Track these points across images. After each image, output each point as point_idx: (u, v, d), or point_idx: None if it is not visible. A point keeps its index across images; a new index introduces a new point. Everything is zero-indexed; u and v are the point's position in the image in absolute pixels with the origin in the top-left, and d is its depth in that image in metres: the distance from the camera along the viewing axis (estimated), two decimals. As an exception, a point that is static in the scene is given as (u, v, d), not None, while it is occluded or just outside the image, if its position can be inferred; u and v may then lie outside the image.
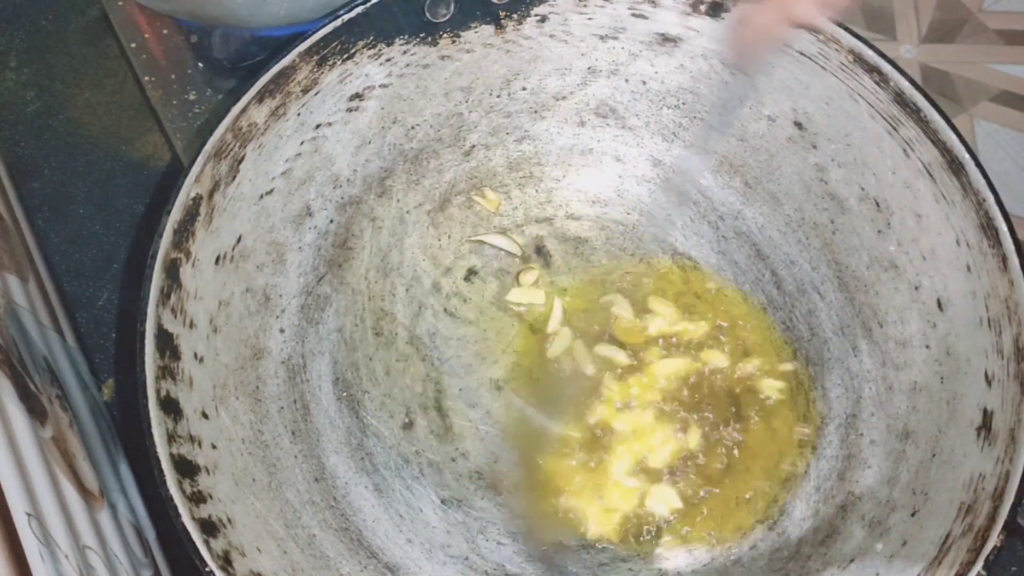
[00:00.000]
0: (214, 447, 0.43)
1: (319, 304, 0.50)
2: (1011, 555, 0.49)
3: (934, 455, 0.44)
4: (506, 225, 0.55)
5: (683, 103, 0.53)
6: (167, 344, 0.42)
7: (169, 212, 0.43)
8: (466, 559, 0.47)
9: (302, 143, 0.49)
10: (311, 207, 0.50)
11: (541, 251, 0.54)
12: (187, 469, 0.40)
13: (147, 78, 0.58)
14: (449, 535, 0.47)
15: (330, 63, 0.48)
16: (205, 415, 0.43)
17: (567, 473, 0.49)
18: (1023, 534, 0.39)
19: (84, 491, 0.43)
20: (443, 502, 0.48)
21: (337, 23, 0.47)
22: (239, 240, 0.47)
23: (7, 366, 0.41)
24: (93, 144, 0.60)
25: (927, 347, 0.46)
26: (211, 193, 0.45)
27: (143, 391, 0.40)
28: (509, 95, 0.53)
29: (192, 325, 0.44)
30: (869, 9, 0.69)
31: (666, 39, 0.51)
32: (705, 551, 0.48)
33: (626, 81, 0.53)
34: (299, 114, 0.48)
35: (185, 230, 0.44)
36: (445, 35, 0.50)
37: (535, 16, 0.50)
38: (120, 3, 0.60)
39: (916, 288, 0.47)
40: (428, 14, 0.49)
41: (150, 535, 0.50)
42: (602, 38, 0.51)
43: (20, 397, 0.41)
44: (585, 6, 0.50)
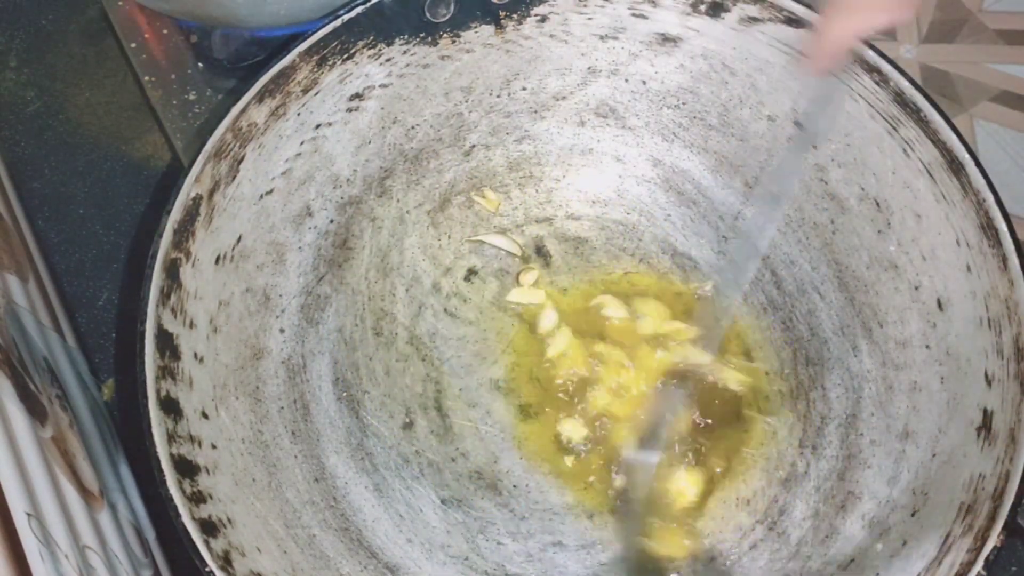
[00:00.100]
0: (214, 447, 0.43)
1: (319, 304, 0.50)
2: (1011, 555, 0.49)
3: (934, 455, 0.44)
4: (506, 225, 0.55)
5: (683, 103, 0.53)
6: (167, 344, 0.42)
7: (169, 212, 0.43)
8: (466, 559, 0.47)
9: (302, 143, 0.49)
10: (311, 207, 0.50)
11: (541, 251, 0.54)
12: (187, 469, 0.40)
13: (147, 78, 0.58)
14: (449, 535, 0.47)
15: (330, 63, 0.48)
16: (205, 415, 0.43)
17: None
18: (1023, 534, 0.39)
19: (84, 491, 0.43)
20: (443, 502, 0.48)
21: (337, 23, 0.47)
22: (239, 240, 0.47)
23: (7, 366, 0.41)
24: (93, 144, 0.60)
25: (927, 347, 0.46)
26: (211, 193, 0.45)
27: (143, 391, 0.40)
28: (509, 95, 0.53)
29: (192, 325, 0.44)
30: (869, 9, 0.69)
31: (666, 39, 0.51)
32: (705, 551, 0.48)
33: (626, 81, 0.53)
34: (299, 114, 0.48)
35: (185, 230, 0.44)
36: (445, 35, 0.50)
37: (535, 16, 0.50)
38: (120, 3, 0.60)
39: (916, 288, 0.47)
40: (428, 14, 0.49)
41: (150, 535, 0.50)
42: (602, 38, 0.51)
43: (20, 397, 0.41)
44: (585, 6, 0.50)
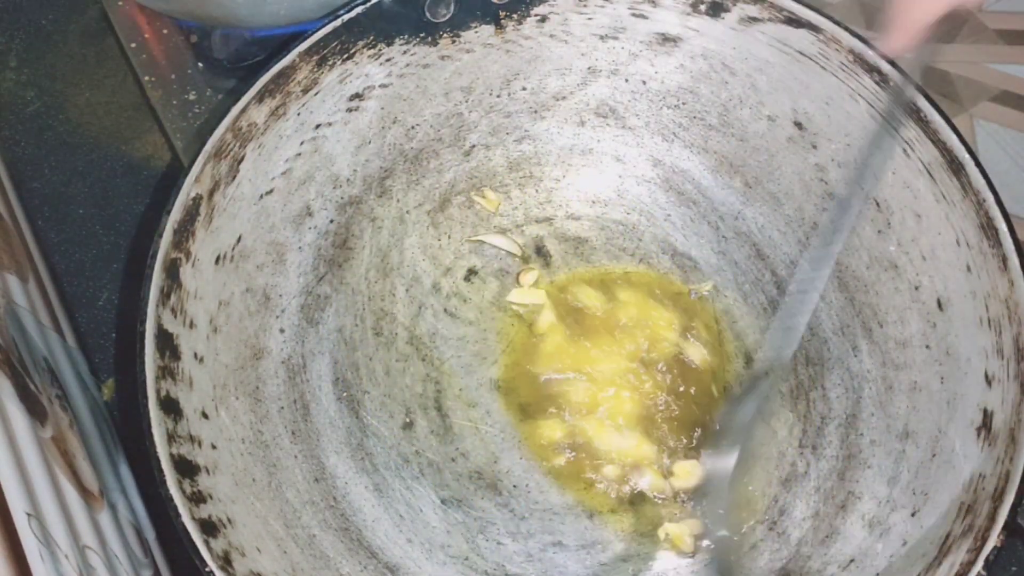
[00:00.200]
0: (214, 447, 0.43)
1: (319, 304, 0.50)
2: (1011, 555, 0.49)
3: (934, 455, 0.44)
4: (506, 225, 0.55)
5: (683, 103, 0.53)
6: (167, 344, 0.42)
7: (169, 212, 0.43)
8: (466, 559, 0.47)
9: (302, 143, 0.49)
10: (311, 207, 0.50)
11: (541, 251, 0.54)
12: (187, 469, 0.40)
13: (147, 78, 0.58)
14: (449, 535, 0.47)
15: (330, 63, 0.48)
16: (205, 415, 0.43)
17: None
18: (1023, 534, 0.39)
19: (84, 491, 0.43)
20: (443, 502, 0.48)
21: (337, 23, 0.47)
22: (239, 240, 0.47)
23: (7, 366, 0.41)
24: (93, 144, 0.60)
25: (927, 347, 0.46)
26: (211, 193, 0.45)
27: (143, 391, 0.40)
28: (509, 95, 0.53)
29: (192, 325, 0.44)
30: (869, 9, 0.69)
31: (666, 39, 0.51)
32: (705, 551, 0.48)
33: (626, 81, 0.53)
34: (299, 114, 0.48)
35: (185, 230, 0.44)
36: (445, 35, 0.50)
37: (535, 16, 0.50)
38: (120, 3, 0.60)
39: (916, 288, 0.47)
40: (428, 14, 0.49)
41: (150, 535, 0.50)
42: (602, 38, 0.51)
43: (20, 397, 0.41)
44: (585, 6, 0.50)
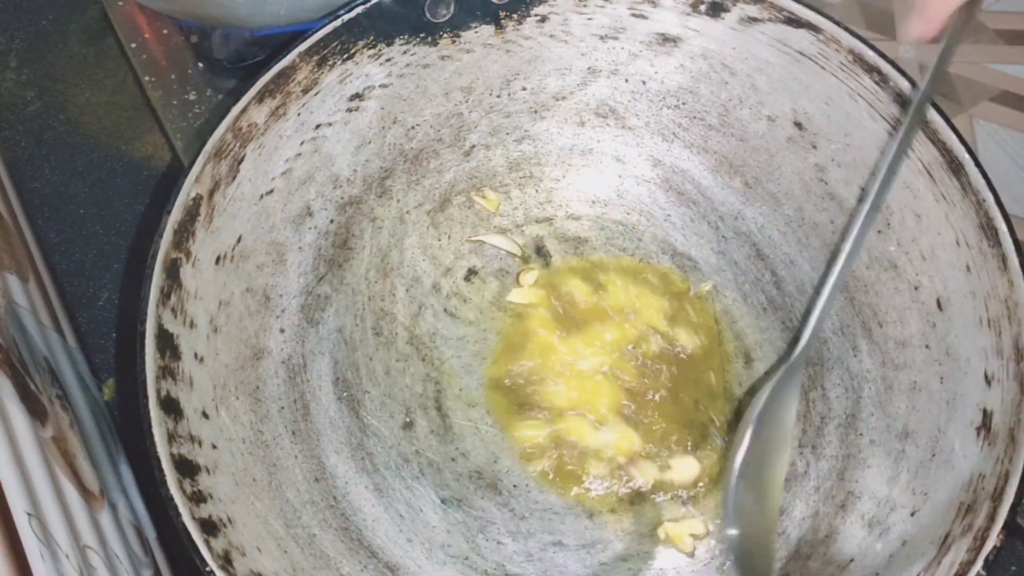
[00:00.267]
0: (214, 447, 0.43)
1: (319, 304, 0.50)
2: (1011, 555, 0.49)
3: (934, 455, 0.44)
4: (506, 225, 0.55)
5: (683, 103, 0.53)
6: (167, 344, 0.42)
7: (169, 212, 0.43)
8: (466, 559, 0.47)
9: (302, 143, 0.49)
10: (311, 207, 0.50)
11: (541, 251, 0.54)
12: (187, 469, 0.40)
13: (147, 78, 0.58)
14: (449, 535, 0.47)
15: (330, 63, 0.48)
16: (205, 415, 0.43)
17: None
18: (1022, 534, 0.39)
19: (84, 491, 0.43)
20: (443, 502, 0.48)
21: (337, 23, 0.47)
22: (239, 240, 0.47)
23: (7, 366, 0.41)
24: (93, 144, 0.60)
25: (927, 347, 0.46)
26: (211, 193, 0.45)
27: (143, 391, 0.40)
28: (509, 95, 0.53)
29: (192, 325, 0.44)
30: (869, 9, 0.69)
31: (666, 39, 0.51)
32: (705, 551, 0.48)
33: (626, 81, 0.53)
34: (299, 114, 0.48)
35: (185, 230, 0.44)
36: (445, 35, 0.50)
37: (535, 16, 0.50)
38: (120, 3, 0.60)
39: (916, 288, 0.47)
40: (428, 14, 0.49)
41: (150, 535, 0.50)
42: (602, 38, 0.51)
43: (20, 397, 0.41)
44: (585, 6, 0.50)
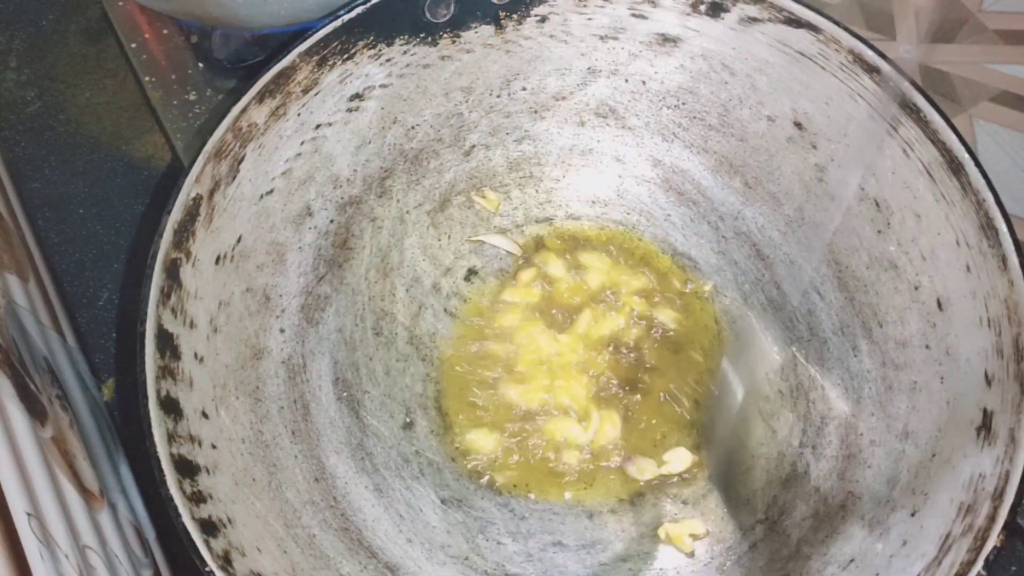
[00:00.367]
0: (214, 447, 0.43)
1: (319, 304, 0.50)
2: (1011, 555, 0.49)
3: (934, 455, 0.44)
4: (506, 225, 0.55)
5: (683, 103, 0.53)
6: (167, 344, 0.42)
7: (169, 212, 0.43)
8: (466, 559, 0.47)
9: (302, 143, 0.49)
10: (311, 207, 0.50)
11: (541, 251, 0.54)
12: (187, 469, 0.40)
13: (147, 78, 0.58)
14: (449, 535, 0.47)
15: (330, 63, 0.48)
16: (205, 415, 0.43)
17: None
18: (1023, 534, 0.39)
19: (84, 491, 0.43)
20: (443, 502, 0.48)
21: (337, 23, 0.47)
22: (239, 240, 0.47)
23: (7, 366, 0.41)
24: (93, 144, 0.60)
25: (927, 347, 0.46)
26: (211, 193, 0.45)
27: (143, 391, 0.40)
28: (509, 95, 0.53)
29: (192, 325, 0.44)
30: (869, 9, 0.69)
31: (666, 39, 0.51)
32: (705, 551, 0.48)
33: (626, 81, 0.53)
34: (299, 114, 0.48)
35: (185, 230, 0.44)
36: (445, 35, 0.50)
37: (535, 16, 0.50)
38: (120, 3, 0.60)
39: (916, 288, 0.47)
40: (428, 14, 0.49)
41: (150, 535, 0.50)
42: (602, 38, 0.51)
43: (20, 397, 0.41)
44: (585, 6, 0.50)
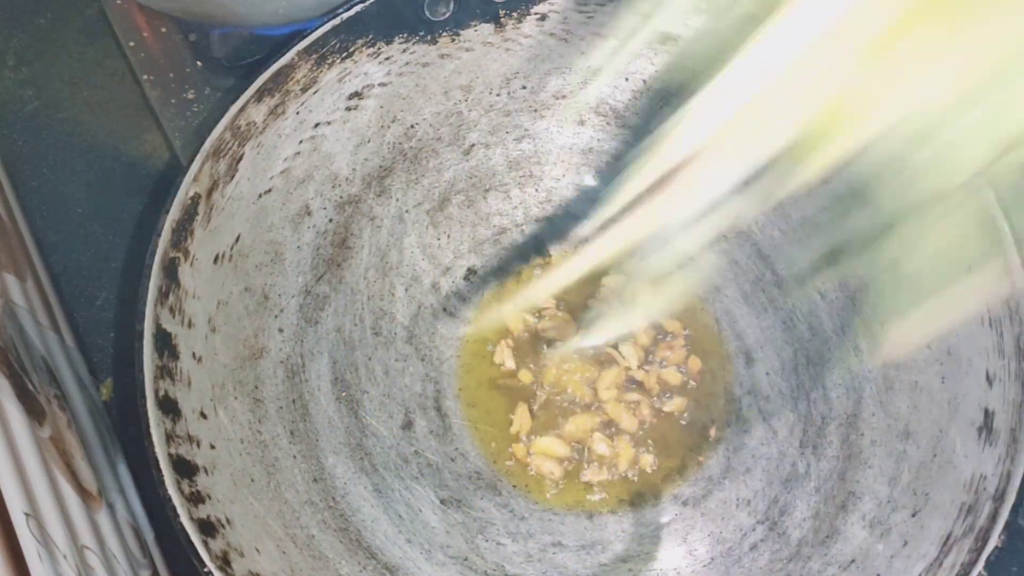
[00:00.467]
0: (212, 447, 0.43)
1: (318, 304, 0.50)
2: (1012, 555, 0.49)
3: (935, 455, 0.44)
4: (506, 224, 0.55)
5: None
6: (165, 344, 0.42)
7: (167, 211, 0.43)
8: (465, 559, 0.47)
9: (301, 142, 0.49)
10: (310, 206, 0.50)
11: (541, 250, 0.54)
12: (185, 469, 0.40)
13: (145, 77, 0.58)
14: (448, 535, 0.47)
15: (329, 62, 0.48)
16: (203, 415, 0.43)
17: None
18: (1024, 534, 0.39)
19: (82, 491, 0.43)
20: (442, 502, 0.48)
21: (336, 22, 0.47)
22: (238, 239, 0.47)
23: (5, 365, 0.41)
24: (91, 143, 0.60)
25: (928, 347, 0.46)
26: (209, 192, 0.45)
27: (141, 391, 0.40)
28: (509, 94, 0.53)
29: (190, 325, 0.44)
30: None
31: (667, 38, 0.50)
32: (705, 551, 0.48)
33: (626, 80, 0.53)
34: (298, 113, 0.48)
35: (183, 229, 0.44)
36: (445, 33, 0.50)
37: (535, 15, 0.50)
38: (118, 2, 0.60)
39: (917, 288, 0.47)
40: (428, 12, 0.49)
41: (148, 535, 0.50)
42: (603, 36, 0.51)
43: (18, 396, 0.41)
44: (585, 4, 0.50)
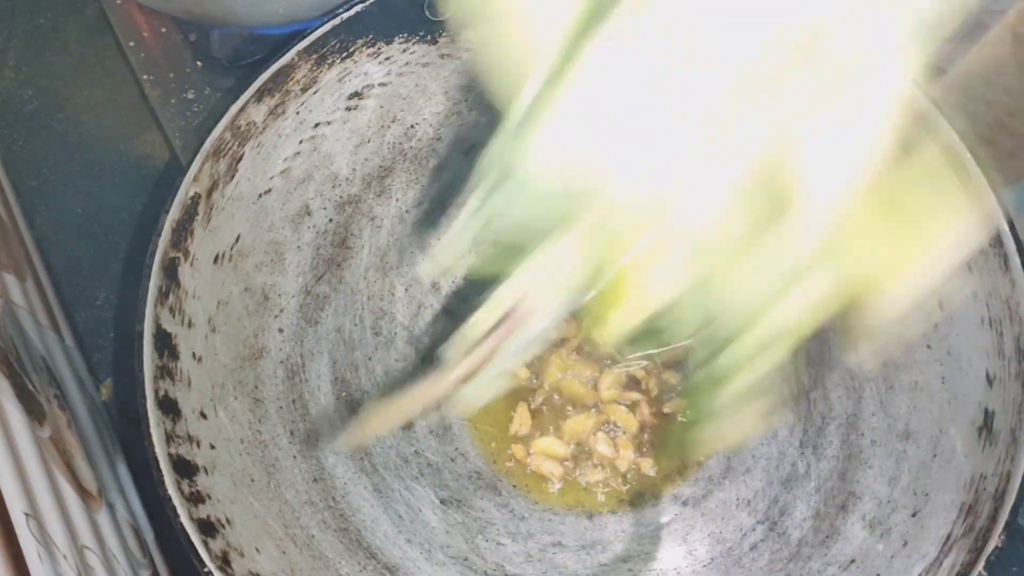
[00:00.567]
0: (212, 447, 0.43)
1: (318, 304, 0.50)
2: (1012, 556, 0.49)
3: (935, 455, 0.44)
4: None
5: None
6: (165, 344, 0.42)
7: (167, 211, 0.43)
8: (465, 559, 0.47)
9: (301, 142, 0.49)
10: (310, 206, 0.50)
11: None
12: (185, 469, 0.40)
13: (145, 77, 0.58)
14: (448, 535, 0.47)
15: (329, 61, 0.48)
16: (203, 415, 0.43)
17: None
18: (1024, 534, 0.39)
19: (82, 491, 0.43)
20: (442, 502, 0.48)
21: (336, 21, 0.47)
22: (238, 239, 0.47)
23: (5, 365, 0.41)
24: (91, 143, 0.60)
25: (928, 347, 0.46)
26: (209, 192, 0.45)
27: (141, 391, 0.40)
28: (509, 94, 0.53)
29: (190, 325, 0.44)
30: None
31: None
32: (705, 551, 0.47)
33: (626, 80, 0.53)
34: (298, 113, 0.48)
35: (183, 229, 0.44)
36: (445, 33, 0.50)
37: (535, 15, 0.50)
38: (118, 1, 0.60)
39: (917, 288, 0.47)
40: (428, 12, 0.49)
41: (148, 535, 0.50)
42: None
43: (18, 397, 0.41)
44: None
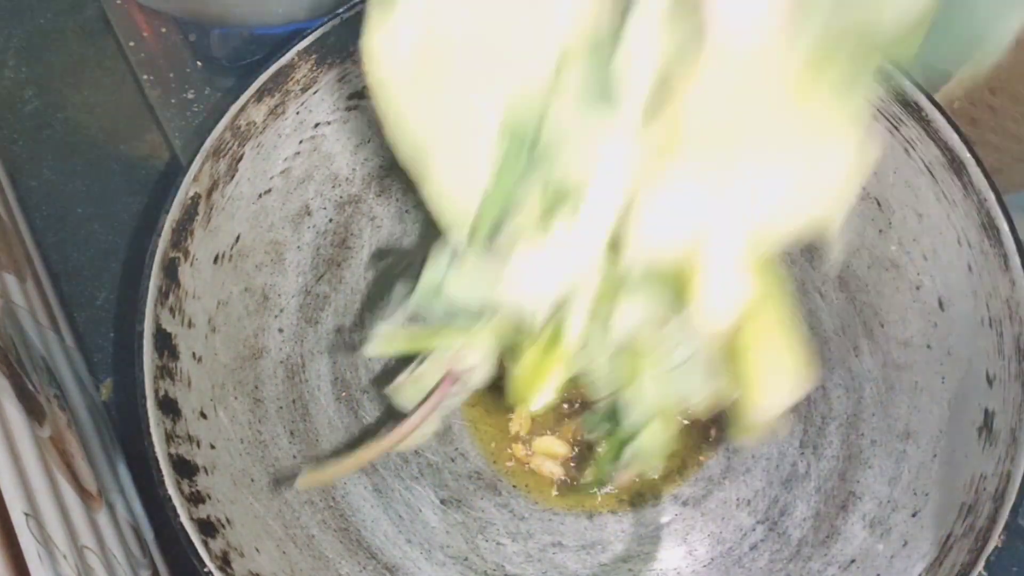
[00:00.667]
0: (212, 447, 0.43)
1: (318, 303, 0.50)
2: (1012, 556, 0.49)
3: (935, 455, 0.44)
4: (506, 224, 0.55)
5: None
6: (165, 344, 0.42)
7: (167, 211, 0.43)
8: (465, 559, 0.47)
9: (301, 142, 0.49)
10: (310, 206, 0.50)
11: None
12: (185, 469, 0.40)
13: (145, 77, 0.58)
14: (448, 535, 0.47)
15: (329, 61, 0.48)
16: (203, 415, 0.43)
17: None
18: (1024, 535, 0.39)
19: (82, 491, 0.43)
20: (442, 502, 0.48)
21: (336, 21, 0.47)
22: (238, 239, 0.47)
23: (5, 365, 0.41)
24: (91, 143, 0.60)
25: (928, 347, 0.46)
26: (209, 192, 0.45)
27: (141, 391, 0.40)
28: (509, 94, 0.53)
29: (190, 325, 0.44)
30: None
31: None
32: (705, 551, 0.47)
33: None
34: (298, 113, 0.48)
35: (183, 229, 0.44)
36: (445, 34, 0.50)
37: (535, 15, 0.50)
38: (118, 1, 0.60)
39: (917, 288, 0.47)
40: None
41: (148, 535, 0.50)
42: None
43: (18, 397, 0.41)
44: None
